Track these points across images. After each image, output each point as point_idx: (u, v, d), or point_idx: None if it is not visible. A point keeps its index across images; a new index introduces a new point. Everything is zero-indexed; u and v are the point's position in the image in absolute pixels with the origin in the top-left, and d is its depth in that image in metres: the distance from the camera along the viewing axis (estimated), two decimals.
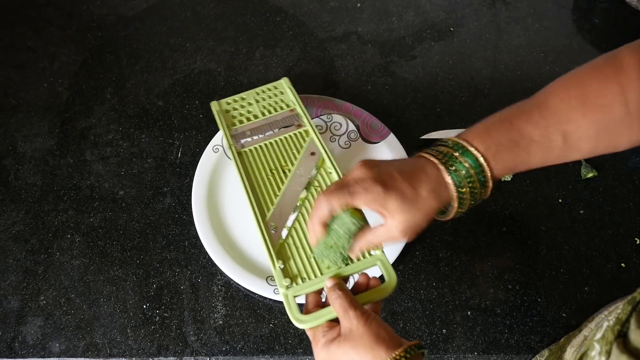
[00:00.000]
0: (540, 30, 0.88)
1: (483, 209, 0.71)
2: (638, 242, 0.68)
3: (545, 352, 0.60)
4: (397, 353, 0.42)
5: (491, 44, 0.87)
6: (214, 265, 0.67)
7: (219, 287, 0.66)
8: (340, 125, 0.75)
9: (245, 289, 0.65)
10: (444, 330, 0.63)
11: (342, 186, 0.46)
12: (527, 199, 0.72)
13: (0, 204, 0.72)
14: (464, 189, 0.45)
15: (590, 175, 0.73)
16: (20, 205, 0.72)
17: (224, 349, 0.63)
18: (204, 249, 0.67)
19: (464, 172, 0.45)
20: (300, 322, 0.48)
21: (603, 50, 0.85)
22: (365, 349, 0.43)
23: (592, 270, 0.67)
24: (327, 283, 0.50)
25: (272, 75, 0.83)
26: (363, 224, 0.49)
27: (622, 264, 0.67)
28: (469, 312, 0.64)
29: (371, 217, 0.50)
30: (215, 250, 0.65)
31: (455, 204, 0.46)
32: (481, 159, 0.45)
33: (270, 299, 0.65)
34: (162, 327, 0.64)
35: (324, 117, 0.75)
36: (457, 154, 0.45)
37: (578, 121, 0.44)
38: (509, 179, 0.73)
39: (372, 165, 0.46)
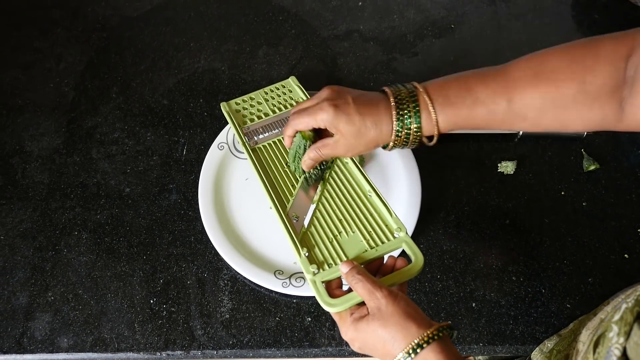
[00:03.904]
0: (540, 26, 0.89)
1: (486, 202, 0.72)
2: None
3: (555, 338, 0.60)
4: (429, 332, 0.43)
5: (492, 40, 0.87)
6: (220, 260, 0.67)
7: (225, 281, 0.67)
8: None
9: (252, 283, 0.66)
10: (449, 322, 0.64)
11: (306, 109, 0.53)
12: (530, 192, 0.72)
13: (8, 202, 0.73)
14: (402, 136, 0.50)
15: (592, 167, 0.73)
16: (27, 203, 0.73)
17: (230, 342, 0.63)
18: (210, 244, 0.67)
19: (408, 123, 0.50)
20: (330, 305, 0.48)
21: None
22: (395, 327, 0.44)
23: (596, 261, 0.67)
24: (342, 269, 0.50)
25: (276, 73, 0.84)
26: (310, 142, 0.56)
27: (626, 255, 0.67)
28: (473, 304, 0.65)
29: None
30: (222, 245, 0.66)
31: (391, 144, 0.52)
32: (430, 109, 0.49)
33: (276, 292, 0.65)
34: (169, 322, 0.64)
35: None
36: (411, 105, 0.49)
37: (526, 90, 0.47)
38: (512, 172, 0.73)
39: (333, 89, 0.53)
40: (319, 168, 0.59)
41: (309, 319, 0.64)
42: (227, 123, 0.73)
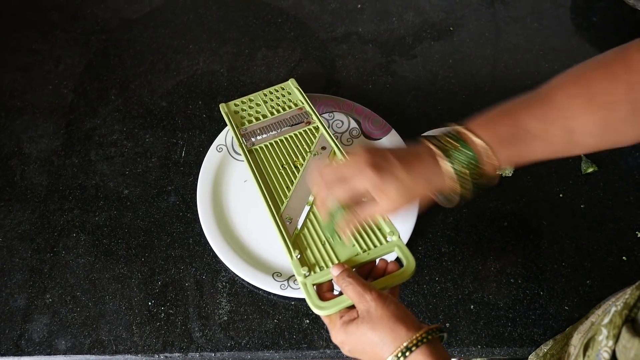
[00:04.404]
0: (539, 29, 0.89)
1: (484, 205, 0.72)
2: (639, 236, 0.69)
3: (550, 342, 0.60)
4: (418, 335, 0.43)
5: (490, 43, 0.88)
6: (218, 262, 0.67)
7: (224, 283, 0.67)
8: (342, 122, 0.76)
9: (250, 285, 0.66)
10: (447, 324, 0.64)
11: (342, 177, 0.48)
12: (528, 194, 0.72)
13: (6, 204, 0.73)
14: (464, 180, 0.46)
15: (590, 170, 0.73)
16: (26, 205, 0.73)
17: (228, 344, 0.63)
18: (209, 246, 0.67)
19: (462, 162, 0.46)
20: (320, 308, 0.49)
21: (601, 48, 0.86)
22: (384, 330, 0.43)
23: (594, 263, 0.67)
24: (333, 272, 0.50)
25: (275, 75, 0.84)
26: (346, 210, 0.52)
27: (624, 257, 0.67)
28: (472, 306, 0.65)
29: None
30: (220, 247, 0.66)
31: (457, 193, 0.47)
32: (486, 150, 0.45)
33: (274, 295, 0.65)
34: (168, 324, 0.64)
35: (325, 115, 0.76)
36: (457, 144, 0.46)
37: (582, 119, 0.44)
38: (510, 174, 0.73)
39: (368, 149, 0.48)
40: None
41: (307, 321, 0.64)
42: (226, 125, 0.73)
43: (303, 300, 0.65)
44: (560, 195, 0.72)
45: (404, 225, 0.67)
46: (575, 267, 0.67)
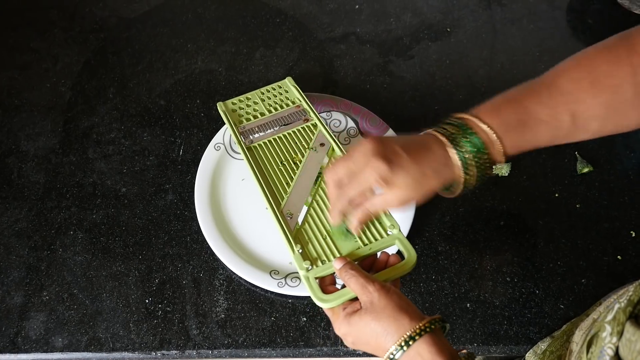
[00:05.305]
0: (535, 31, 0.90)
1: (481, 204, 0.72)
2: (634, 235, 0.69)
3: (547, 339, 0.60)
4: (421, 324, 0.43)
5: (487, 44, 0.88)
6: (215, 259, 0.68)
7: (221, 281, 0.67)
8: (340, 122, 0.76)
9: (247, 282, 0.66)
10: (440, 315, 0.64)
11: (351, 172, 0.47)
12: (525, 194, 0.73)
13: (3, 201, 0.73)
14: (470, 168, 0.46)
15: (585, 170, 0.74)
16: (23, 203, 0.73)
17: (226, 342, 0.63)
18: (206, 244, 0.67)
19: (470, 150, 0.45)
20: (324, 301, 0.49)
21: None
22: (388, 319, 0.44)
23: (589, 262, 0.68)
24: (335, 265, 0.50)
25: (272, 75, 0.84)
26: None
27: (618, 257, 0.68)
28: (468, 305, 0.65)
29: None
30: (218, 245, 0.66)
31: (461, 182, 0.47)
32: (492, 136, 0.45)
33: (271, 292, 0.65)
34: (165, 321, 0.64)
35: (323, 115, 0.76)
36: (464, 132, 0.45)
37: (587, 102, 0.45)
38: (506, 174, 0.74)
39: (375, 140, 0.46)
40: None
41: (304, 318, 0.64)
42: (224, 124, 0.74)
43: (300, 298, 0.65)
44: (556, 195, 0.73)
45: (401, 224, 0.67)
46: (571, 266, 0.67)
